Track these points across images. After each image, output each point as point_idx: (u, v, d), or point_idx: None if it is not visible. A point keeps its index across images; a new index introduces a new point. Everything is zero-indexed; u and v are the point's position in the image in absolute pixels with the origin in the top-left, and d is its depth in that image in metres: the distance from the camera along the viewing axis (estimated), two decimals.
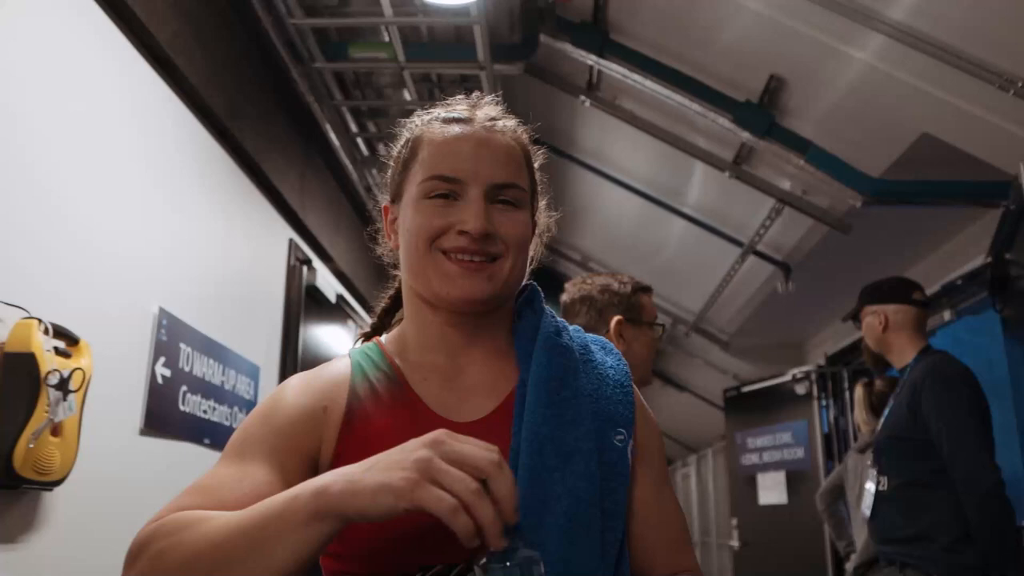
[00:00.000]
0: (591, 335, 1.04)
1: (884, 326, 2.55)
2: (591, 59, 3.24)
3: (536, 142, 1.02)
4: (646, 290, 1.94)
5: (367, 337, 1.07)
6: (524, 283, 1.04)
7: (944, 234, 3.46)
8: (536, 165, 1.02)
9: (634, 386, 1.01)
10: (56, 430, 1.66)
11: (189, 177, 2.47)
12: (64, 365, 1.68)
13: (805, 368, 5.35)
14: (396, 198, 0.99)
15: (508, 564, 0.68)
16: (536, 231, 1.04)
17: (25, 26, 1.72)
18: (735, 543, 5.84)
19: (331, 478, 0.69)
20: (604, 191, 4.57)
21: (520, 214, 0.94)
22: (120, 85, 2.09)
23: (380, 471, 0.67)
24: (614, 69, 3.23)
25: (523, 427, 0.89)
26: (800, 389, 5.43)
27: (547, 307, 1.04)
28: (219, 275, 2.69)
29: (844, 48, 2.61)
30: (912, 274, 3.77)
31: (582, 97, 3.58)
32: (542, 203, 1.05)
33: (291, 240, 3.42)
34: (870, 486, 2.53)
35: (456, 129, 0.94)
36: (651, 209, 4.44)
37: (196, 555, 0.70)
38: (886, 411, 2.58)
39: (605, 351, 1.02)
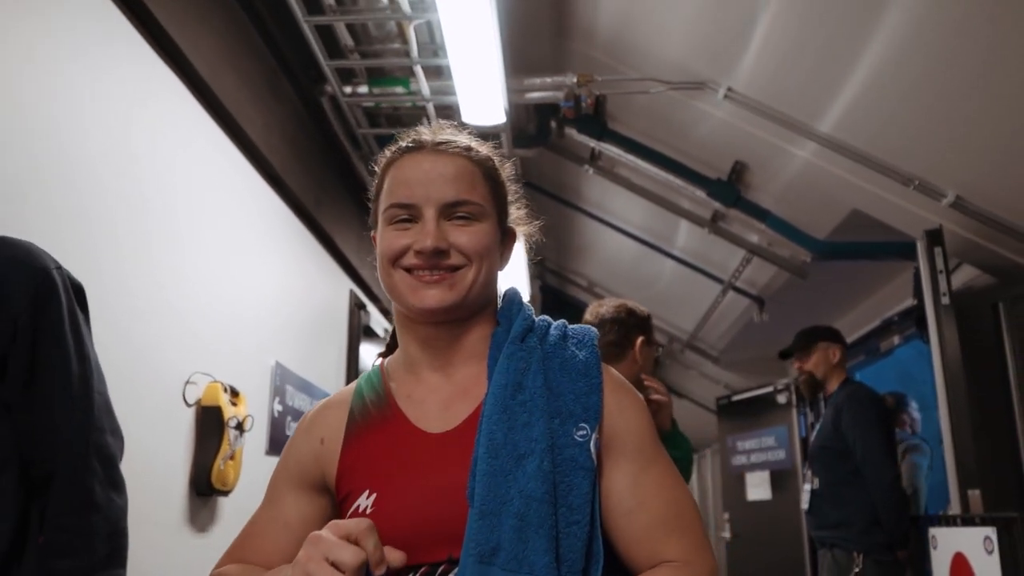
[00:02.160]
0: (575, 327, 1.07)
1: (838, 359, 3.35)
2: (592, 143, 4.01)
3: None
4: (650, 316, 2.60)
5: (383, 356, 1.17)
6: (507, 288, 1.10)
7: (883, 280, 4.22)
8: (505, 175, 1.09)
9: (610, 376, 1.01)
10: (232, 456, 2.45)
11: (289, 258, 3.26)
12: (235, 412, 2.47)
13: (785, 380, 6.08)
14: (375, 227, 1.07)
15: None
16: (515, 238, 1.11)
17: (185, 161, 2.52)
18: (727, 535, 6.54)
19: None
20: (606, 234, 5.35)
21: (477, 226, 1.00)
22: (246, 199, 2.88)
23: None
24: (611, 150, 4.00)
25: (481, 435, 0.93)
26: (781, 398, 6.13)
27: (525, 305, 1.08)
28: (305, 326, 3.48)
29: (788, 147, 3.37)
30: (859, 311, 4.56)
31: (586, 166, 4.35)
32: (520, 212, 1.12)
33: (351, 290, 4.20)
34: (806, 486, 3.31)
35: (410, 156, 1.03)
36: (646, 249, 5.21)
37: None
38: (817, 427, 3.36)
39: (580, 345, 1.03)
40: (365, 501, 0.95)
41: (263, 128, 2.85)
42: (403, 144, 1.06)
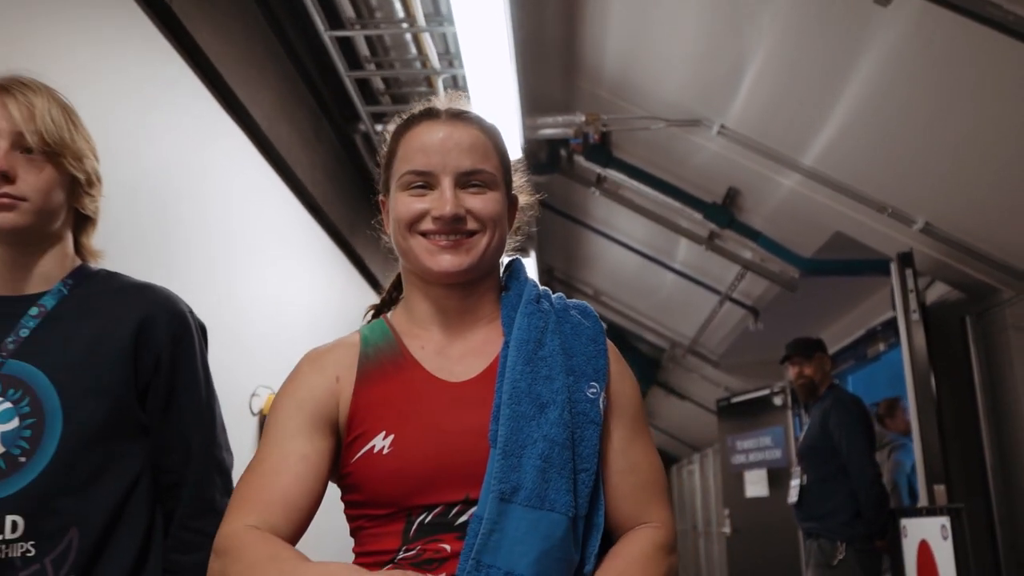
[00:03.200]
0: (572, 300, 1.14)
1: (829, 367, 3.73)
2: (598, 169, 4.38)
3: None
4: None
5: (376, 309, 1.19)
6: (511, 259, 1.16)
7: (867, 292, 4.57)
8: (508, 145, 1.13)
9: (611, 345, 1.09)
10: None
11: (331, 277, 3.65)
12: None
13: (781, 383, 6.42)
14: (386, 192, 1.10)
15: None
16: (518, 205, 1.15)
17: (243, 198, 2.89)
18: (727, 530, 6.76)
19: None
20: (612, 248, 5.72)
21: (491, 194, 1.04)
22: (294, 229, 3.26)
23: None
24: (616, 175, 4.37)
25: (504, 382, 0.99)
26: (777, 401, 6.47)
27: (530, 278, 1.14)
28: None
29: (776, 177, 3.74)
30: (846, 320, 4.92)
31: (593, 189, 4.72)
32: (521, 180, 1.16)
33: None
34: (794, 482, 3.68)
35: (425, 124, 1.05)
36: (648, 262, 5.59)
37: None
38: (806, 427, 3.73)
39: (583, 314, 1.10)
40: (382, 442, 0.97)
41: (308, 167, 3.23)
42: (416, 111, 1.09)
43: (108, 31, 2.04)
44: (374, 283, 4.44)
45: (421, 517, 0.95)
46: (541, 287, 1.13)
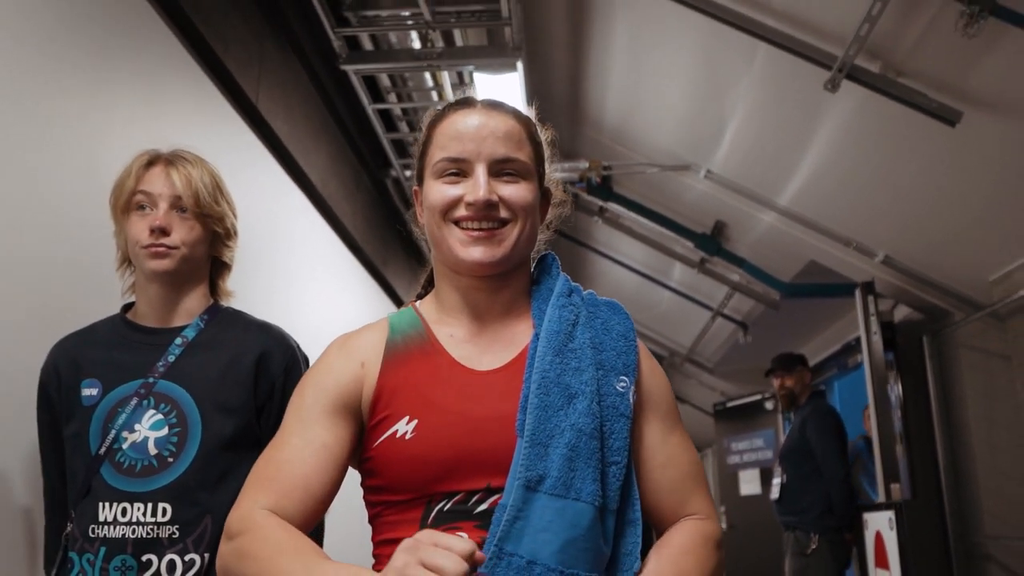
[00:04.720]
0: (604, 298, 1.13)
1: (809, 380, 4.25)
2: (600, 202, 4.90)
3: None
4: None
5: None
6: (544, 252, 1.16)
7: (844, 310, 5.08)
8: (545, 139, 1.13)
9: (641, 343, 1.09)
10: None
11: (365, 307, 4.17)
12: None
13: (772, 390, 6.91)
14: (420, 181, 1.10)
15: None
16: (551, 201, 1.14)
17: (300, 244, 3.41)
18: (724, 526, 7.26)
19: None
20: (613, 268, 6.24)
21: (524, 184, 1.04)
22: (339, 268, 3.78)
23: None
24: (616, 208, 4.88)
25: (533, 372, 0.99)
26: (768, 405, 6.97)
27: (563, 273, 1.13)
28: None
29: (757, 214, 4.25)
30: (823, 337, 5.43)
31: (595, 218, 5.23)
32: (555, 175, 1.16)
33: None
34: (776, 480, 4.19)
35: (460, 113, 1.06)
36: (646, 281, 6.10)
37: None
38: (787, 431, 4.25)
39: (613, 310, 1.10)
40: (405, 427, 0.97)
41: (350, 215, 3.76)
42: (452, 101, 1.11)
43: (201, 115, 2.54)
44: (396, 299, 4.98)
45: (440, 504, 0.95)
46: (573, 283, 1.13)
